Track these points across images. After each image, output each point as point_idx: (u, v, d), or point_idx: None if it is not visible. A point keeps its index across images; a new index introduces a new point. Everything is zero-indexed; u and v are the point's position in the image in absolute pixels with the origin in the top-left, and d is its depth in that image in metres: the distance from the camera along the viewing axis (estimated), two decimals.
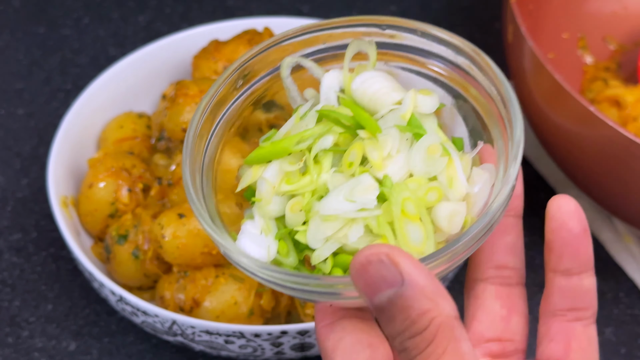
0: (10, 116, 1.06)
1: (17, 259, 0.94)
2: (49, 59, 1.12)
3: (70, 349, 0.87)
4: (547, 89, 0.84)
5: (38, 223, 0.97)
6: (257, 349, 0.80)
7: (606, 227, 0.96)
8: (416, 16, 1.18)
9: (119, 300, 0.80)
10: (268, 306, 0.82)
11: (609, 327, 0.90)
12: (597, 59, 1.04)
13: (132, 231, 0.84)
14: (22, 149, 1.03)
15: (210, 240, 0.79)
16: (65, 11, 1.18)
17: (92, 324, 0.89)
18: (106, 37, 1.15)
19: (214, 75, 0.92)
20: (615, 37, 1.05)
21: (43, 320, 0.89)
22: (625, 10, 1.06)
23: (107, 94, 0.95)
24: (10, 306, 0.90)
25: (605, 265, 0.94)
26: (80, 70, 1.11)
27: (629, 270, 0.93)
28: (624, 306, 0.91)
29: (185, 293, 0.81)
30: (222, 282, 0.81)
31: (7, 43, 1.14)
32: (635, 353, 0.88)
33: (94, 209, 0.87)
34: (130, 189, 0.87)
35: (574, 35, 1.04)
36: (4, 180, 1.00)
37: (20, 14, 1.17)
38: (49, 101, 1.08)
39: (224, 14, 1.18)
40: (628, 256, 0.94)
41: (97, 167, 0.88)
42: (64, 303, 0.91)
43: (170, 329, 0.80)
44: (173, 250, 0.80)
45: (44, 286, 0.92)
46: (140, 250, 0.84)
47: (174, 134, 0.88)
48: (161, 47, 0.98)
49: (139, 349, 0.88)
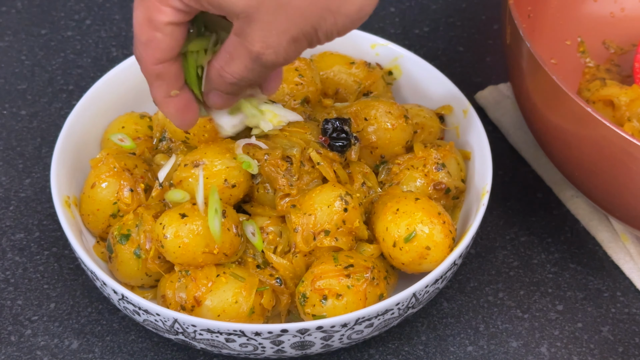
0: (13, 117, 1.06)
1: (20, 258, 0.94)
2: (51, 60, 1.13)
3: (72, 347, 0.88)
4: (545, 90, 0.84)
5: (41, 223, 0.97)
6: (258, 347, 0.80)
7: (603, 226, 0.96)
8: (415, 17, 1.18)
9: (120, 299, 0.81)
10: (269, 305, 0.82)
11: (607, 325, 0.90)
12: (597, 61, 1.04)
13: (134, 231, 0.84)
14: (25, 149, 1.03)
15: (211, 240, 0.80)
16: (67, 13, 1.18)
17: (94, 323, 0.90)
18: (108, 39, 1.16)
19: None
20: (612, 39, 1.05)
21: (45, 318, 0.90)
22: (623, 12, 1.06)
23: (110, 94, 0.95)
24: (13, 305, 0.91)
25: (602, 265, 0.95)
26: (83, 71, 1.12)
27: (626, 270, 0.93)
28: (621, 305, 0.92)
29: (186, 292, 0.81)
30: (223, 281, 0.81)
31: (10, 44, 1.15)
32: (633, 351, 0.88)
33: (96, 209, 0.87)
34: (132, 189, 0.87)
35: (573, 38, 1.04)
36: (7, 180, 1.01)
37: (23, 15, 1.18)
38: (52, 102, 1.08)
39: None
40: (625, 255, 0.94)
41: (99, 167, 0.88)
42: (67, 302, 0.91)
43: (171, 328, 0.80)
44: (174, 249, 0.81)
45: (46, 285, 0.92)
46: (142, 249, 0.84)
47: (176, 135, 0.89)
48: None
49: (140, 347, 0.88)
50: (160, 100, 0.74)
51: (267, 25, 0.67)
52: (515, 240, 0.96)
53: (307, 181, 0.85)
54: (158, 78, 0.72)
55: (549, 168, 1.00)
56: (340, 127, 0.86)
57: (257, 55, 0.69)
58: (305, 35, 0.68)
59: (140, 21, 0.69)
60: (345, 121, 0.86)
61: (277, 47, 0.68)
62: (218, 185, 0.83)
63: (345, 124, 0.87)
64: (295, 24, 0.67)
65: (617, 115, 0.91)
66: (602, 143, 0.80)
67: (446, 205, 0.88)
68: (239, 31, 0.68)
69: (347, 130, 0.87)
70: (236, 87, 0.73)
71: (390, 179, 0.88)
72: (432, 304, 0.91)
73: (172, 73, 0.72)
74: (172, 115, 0.75)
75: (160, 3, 0.68)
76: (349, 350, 0.88)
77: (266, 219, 0.85)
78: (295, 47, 0.69)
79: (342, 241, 0.83)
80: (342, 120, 0.87)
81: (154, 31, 0.69)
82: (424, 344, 0.88)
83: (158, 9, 0.68)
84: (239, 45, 0.69)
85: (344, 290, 0.80)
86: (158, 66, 0.71)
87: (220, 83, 0.73)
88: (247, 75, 0.71)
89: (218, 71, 0.72)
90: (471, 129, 0.93)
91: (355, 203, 0.84)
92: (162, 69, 0.72)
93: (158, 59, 0.71)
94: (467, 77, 1.11)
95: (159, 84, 0.73)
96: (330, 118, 0.87)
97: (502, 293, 0.92)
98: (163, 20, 0.69)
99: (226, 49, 0.70)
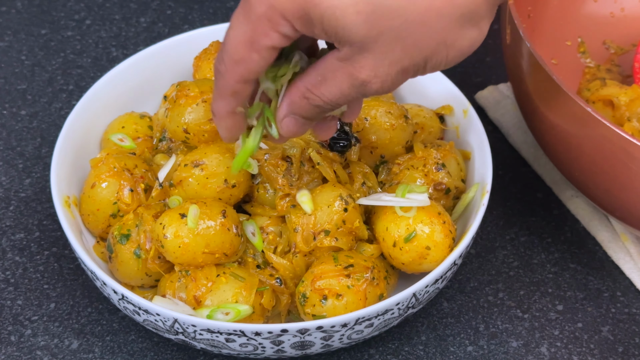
0: (13, 116, 1.07)
1: (20, 258, 0.94)
2: (51, 60, 1.13)
3: (72, 347, 0.88)
4: (545, 89, 0.84)
5: (41, 222, 0.97)
6: (258, 347, 0.80)
7: (603, 226, 0.96)
8: None
9: (120, 299, 0.81)
10: (269, 305, 0.83)
11: (607, 325, 0.90)
12: (597, 61, 1.04)
13: (134, 231, 0.84)
14: (25, 149, 1.03)
15: (211, 240, 0.80)
16: (67, 13, 1.19)
17: (94, 323, 0.90)
18: (108, 39, 1.16)
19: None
20: (613, 39, 1.06)
21: (45, 318, 0.90)
22: (623, 12, 1.06)
23: (109, 94, 0.95)
24: (13, 305, 0.91)
25: (602, 264, 0.95)
26: (83, 71, 1.12)
27: (626, 270, 0.94)
28: (621, 305, 0.92)
29: (186, 292, 0.81)
30: (223, 281, 0.81)
31: (10, 44, 1.15)
32: (633, 351, 0.88)
33: (97, 209, 0.87)
34: (132, 189, 0.87)
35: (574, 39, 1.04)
36: (7, 180, 1.01)
37: (23, 15, 1.18)
38: (52, 102, 1.08)
39: (224, 15, 1.19)
40: (625, 255, 0.94)
41: (99, 167, 0.88)
42: (67, 302, 0.91)
43: (171, 328, 0.80)
44: (174, 249, 0.81)
45: (46, 285, 0.92)
46: (142, 249, 0.84)
47: (176, 135, 0.89)
48: (163, 49, 0.98)
49: (140, 347, 0.88)
50: (222, 114, 0.72)
51: (380, 56, 0.66)
52: (515, 240, 0.96)
53: (307, 181, 0.85)
54: (234, 95, 0.71)
55: (549, 168, 1.00)
56: (341, 127, 0.86)
57: (361, 83, 0.67)
58: (415, 66, 0.68)
59: (240, 40, 0.67)
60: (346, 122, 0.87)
61: (385, 77, 0.67)
62: (218, 185, 0.83)
63: (346, 125, 0.87)
64: (409, 56, 0.67)
65: (617, 115, 0.92)
66: (602, 143, 0.80)
67: (446, 205, 0.88)
68: (346, 57, 0.67)
69: (348, 130, 0.87)
70: (319, 110, 0.71)
71: (390, 179, 0.88)
72: (432, 304, 0.91)
73: (247, 92, 0.71)
74: (226, 129, 0.73)
75: (270, 27, 0.66)
76: (349, 350, 0.88)
77: (266, 219, 0.85)
78: (402, 77, 0.68)
79: (342, 241, 0.83)
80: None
81: (251, 52, 0.67)
82: (424, 344, 0.88)
83: (265, 33, 0.66)
84: (340, 69, 0.67)
85: (344, 290, 0.80)
86: (240, 84, 0.70)
87: (302, 105, 0.71)
88: (338, 99, 0.69)
89: (303, 93, 0.70)
90: (471, 129, 0.93)
91: (355, 203, 0.84)
92: (242, 88, 0.70)
93: (244, 79, 0.69)
94: (467, 77, 1.11)
95: (231, 100, 0.71)
96: None
97: (502, 293, 0.92)
98: (266, 44, 0.67)
99: (319, 71, 0.69)
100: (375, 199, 0.84)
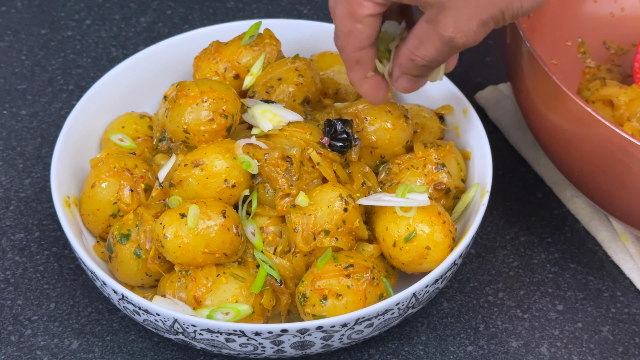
0: (13, 116, 1.07)
1: (20, 258, 0.94)
2: (51, 60, 1.13)
3: (72, 347, 0.88)
4: (545, 89, 0.84)
5: (41, 222, 0.97)
6: (258, 347, 0.80)
7: (603, 226, 0.96)
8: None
9: (120, 299, 0.81)
10: (269, 305, 0.83)
11: (607, 325, 0.90)
12: (597, 61, 1.04)
13: (134, 231, 0.85)
14: (25, 149, 1.03)
15: (211, 240, 0.80)
16: (67, 13, 1.19)
17: (94, 323, 0.90)
18: (108, 39, 1.16)
19: (214, 76, 0.93)
20: (613, 39, 1.06)
21: (45, 318, 0.90)
22: (623, 12, 1.06)
23: (109, 94, 0.96)
24: (13, 305, 0.91)
25: (602, 264, 0.95)
26: (83, 71, 1.12)
27: (626, 270, 0.94)
28: (621, 305, 0.92)
29: (186, 292, 0.81)
30: (223, 281, 0.81)
31: (10, 44, 1.15)
32: (633, 351, 0.88)
33: (97, 209, 0.87)
34: (132, 189, 0.87)
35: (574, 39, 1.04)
36: (7, 180, 1.01)
37: (23, 15, 1.18)
38: (52, 102, 1.08)
39: (224, 15, 1.19)
40: (625, 255, 0.94)
41: (99, 167, 0.88)
42: (67, 302, 0.91)
43: (171, 328, 0.80)
44: (174, 249, 0.81)
45: (46, 285, 0.92)
46: (142, 249, 0.84)
47: (176, 135, 0.89)
48: (162, 49, 0.99)
49: (140, 347, 0.88)
50: (357, 81, 0.82)
51: (458, 12, 0.74)
52: (515, 240, 0.96)
53: (307, 181, 0.85)
54: (357, 63, 0.81)
55: (549, 168, 1.00)
56: (342, 128, 0.86)
57: (449, 39, 0.75)
58: (494, 18, 0.75)
59: (342, 15, 0.78)
60: (347, 122, 0.87)
61: (467, 31, 0.74)
62: (218, 185, 0.83)
63: (347, 125, 0.87)
64: (485, 10, 0.74)
65: (617, 115, 0.92)
66: (602, 143, 0.80)
67: (446, 205, 0.88)
68: (431, 18, 0.75)
69: (348, 131, 0.87)
70: (425, 69, 0.79)
71: (390, 179, 0.88)
72: (432, 304, 0.91)
73: (368, 58, 0.80)
74: (367, 94, 0.84)
75: None
76: (349, 350, 0.88)
77: (266, 219, 0.85)
78: (484, 29, 0.75)
79: (342, 241, 0.83)
80: (344, 121, 0.87)
81: (355, 23, 0.77)
82: (424, 344, 0.88)
83: (360, 4, 0.76)
84: (430, 30, 0.76)
85: (344, 290, 0.80)
86: (357, 53, 0.80)
87: (410, 67, 0.79)
88: (437, 57, 0.77)
89: (408, 56, 0.78)
90: (471, 129, 0.93)
91: (355, 203, 0.84)
92: (361, 55, 0.80)
93: (358, 47, 0.79)
94: (467, 77, 1.11)
95: (357, 68, 0.81)
96: (332, 118, 0.87)
97: (502, 293, 0.92)
98: (364, 13, 0.77)
99: (416, 35, 0.77)
100: (375, 199, 0.84)
